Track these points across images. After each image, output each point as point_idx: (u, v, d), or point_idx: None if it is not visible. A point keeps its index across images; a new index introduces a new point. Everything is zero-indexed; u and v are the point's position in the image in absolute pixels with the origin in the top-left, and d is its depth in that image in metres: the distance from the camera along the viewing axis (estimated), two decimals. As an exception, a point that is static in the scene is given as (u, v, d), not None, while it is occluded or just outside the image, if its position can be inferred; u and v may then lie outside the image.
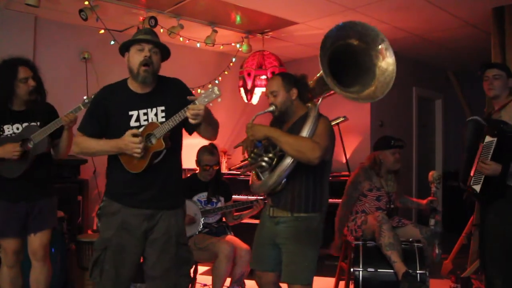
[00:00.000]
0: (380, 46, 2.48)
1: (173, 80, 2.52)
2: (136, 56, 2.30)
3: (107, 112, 2.35)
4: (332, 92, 2.55)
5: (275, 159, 2.48)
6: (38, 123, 2.80)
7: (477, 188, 2.82)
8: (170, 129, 2.24)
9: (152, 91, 2.39)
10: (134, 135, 2.21)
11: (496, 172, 2.71)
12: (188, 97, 2.20)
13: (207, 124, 2.34)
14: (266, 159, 2.48)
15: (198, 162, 3.69)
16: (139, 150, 2.20)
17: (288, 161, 2.40)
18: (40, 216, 2.84)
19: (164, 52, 2.41)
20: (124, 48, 2.37)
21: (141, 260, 2.44)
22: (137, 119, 2.33)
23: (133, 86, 2.38)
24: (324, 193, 2.61)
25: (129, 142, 2.20)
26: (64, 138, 2.86)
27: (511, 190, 2.74)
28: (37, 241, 2.84)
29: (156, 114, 2.34)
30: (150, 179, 2.33)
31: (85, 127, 2.38)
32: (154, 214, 2.35)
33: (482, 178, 2.80)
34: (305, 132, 2.42)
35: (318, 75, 2.66)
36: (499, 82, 2.89)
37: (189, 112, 2.15)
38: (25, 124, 2.79)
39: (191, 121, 2.17)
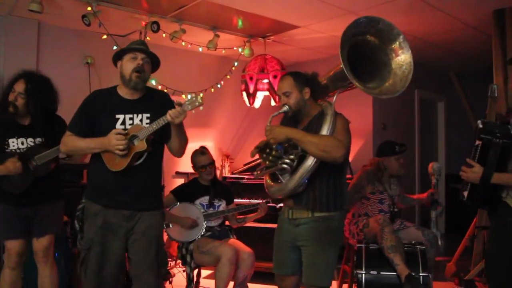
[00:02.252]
0: (396, 42, 2.49)
1: (161, 92, 2.74)
2: (129, 64, 2.45)
3: (95, 113, 2.47)
4: (347, 88, 2.56)
5: (296, 161, 2.42)
6: (43, 139, 2.85)
7: (465, 194, 2.60)
8: (154, 132, 2.35)
9: (140, 98, 2.53)
10: (118, 134, 2.33)
11: (475, 177, 2.43)
12: (175, 102, 2.34)
13: (177, 133, 2.46)
14: (287, 161, 2.41)
15: (194, 166, 3.71)
16: (121, 147, 2.31)
17: (310, 162, 2.37)
18: (43, 221, 2.89)
19: (154, 63, 2.56)
20: (117, 57, 2.52)
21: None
22: (123, 123, 2.45)
23: (123, 92, 2.52)
24: (344, 191, 2.59)
25: (113, 139, 2.31)
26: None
27: (507, 209, 2.48)
28: (37, 244, 2.90)
29: (141, 120, 2.47)
30: (129, 181, 2.43)
31: (73, 126, 2.50)
32: (133, 215, 2.45)
33: (469, 184, 2.56)
34: (325, 131, 2.41)
35: (332, 71, 2.64)
36: None
37: (171, 112, 2.28)
38: (29, 139, 2.85)
39: (169, 118, 2.29)
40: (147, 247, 2.46)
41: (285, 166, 2.42)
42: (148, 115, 2.47)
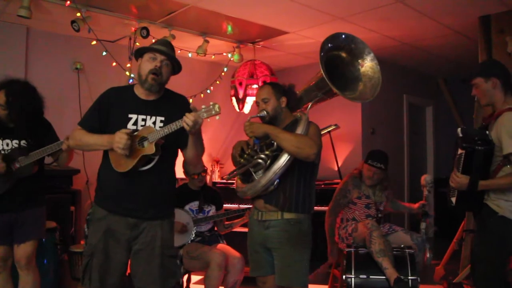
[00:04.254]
0: (367, 58, 2.78)
1: (180, 96, 2.59)
2: (147, 64, 2.37)
3: (109, 110, 2.39)
4: (320, 100, 2.80)
5: (270, 157, 2.53)
6: (27, 141, 2.84)
7: (453, 200, 2.72)
8: (164, 136, 2.24)
9: (156, 100, 2.44)
10: (124, 132, 2.22)
11: (463, 186, 2.56)
12: (190, 107, 2.22)
13: (193, 142, 2.37)
14: (262, 156, 2.54)
15: (186, 172, 3.71)
16: (120, 145, 2.19)
17: (285, 158, 2.47)
18: (24, 227, 2.85)
19: (175, 66, 2.48)
20: (138, 54, 2.44)
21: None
22: (135, 123, 2.36)
23: (139, 91, 2.44)
24: (312, 195, 2.69)
25: (116, 136, 2.21)
26: (64, 156, 2.94)
27: (491, 214, 2.56)
28: (19, 251, 2.86)
29: (154, 123, 2.37)
30: (136, 186, 2.34)
31: (85, 122, 2.42)
32: (138, 223, 2.35)
33: (456, 191, 2.68)
34: (299, 132, 2.54)
35: (308, 84, 2.84)
36: (477, 91, 2.68)
37: (186, 118, 2.15)
38: (15, 141, 2.84)
39: (185, 125, 2.17)
40: (150, 259, 2.34)
41: (260, 161, 2.54)
42: (163, 118, 2.38)
